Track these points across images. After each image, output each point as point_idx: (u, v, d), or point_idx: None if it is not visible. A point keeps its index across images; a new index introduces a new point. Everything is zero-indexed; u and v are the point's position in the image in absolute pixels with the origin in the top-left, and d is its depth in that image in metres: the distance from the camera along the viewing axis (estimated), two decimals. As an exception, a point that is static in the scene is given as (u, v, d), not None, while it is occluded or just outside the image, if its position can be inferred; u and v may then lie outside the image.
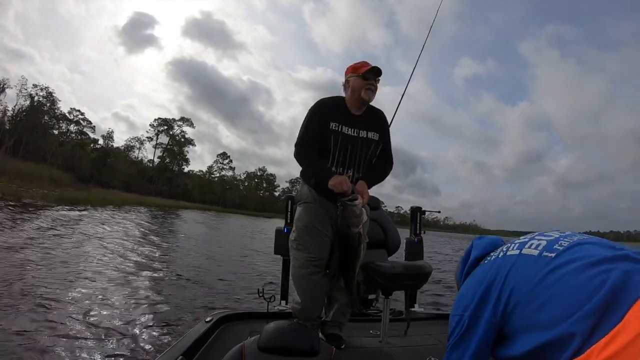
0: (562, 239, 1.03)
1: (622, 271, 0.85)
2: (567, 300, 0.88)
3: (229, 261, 10.23)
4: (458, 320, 1.11)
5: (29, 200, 19.28)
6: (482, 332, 1.05)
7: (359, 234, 2.13)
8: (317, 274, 2.34)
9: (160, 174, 66.90)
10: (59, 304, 4.54)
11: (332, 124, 2.33)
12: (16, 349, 3.19)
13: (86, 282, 5.73)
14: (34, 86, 51.79)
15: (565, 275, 0.92)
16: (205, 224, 27.56)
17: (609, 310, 0.81)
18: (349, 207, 2.09)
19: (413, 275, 2.52)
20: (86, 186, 38.79)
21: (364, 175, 2.38)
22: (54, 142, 52.62)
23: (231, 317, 2.74)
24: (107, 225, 14.71)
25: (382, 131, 2.45)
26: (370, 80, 2.33)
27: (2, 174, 26.29)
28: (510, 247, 1.11)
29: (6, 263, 6.17)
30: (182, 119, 72.06)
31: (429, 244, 19.04)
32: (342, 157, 2.34)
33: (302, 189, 2.54)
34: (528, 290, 0.97)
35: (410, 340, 2.64)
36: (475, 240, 1.33)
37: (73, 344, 3.44)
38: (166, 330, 4.05)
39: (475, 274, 1.18)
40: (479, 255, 1.25)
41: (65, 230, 11.43)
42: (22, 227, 10.50)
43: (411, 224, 3.61)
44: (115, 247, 9.67)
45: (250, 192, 78.39)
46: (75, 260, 7.26)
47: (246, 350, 1.56)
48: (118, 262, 7.66)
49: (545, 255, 1.00)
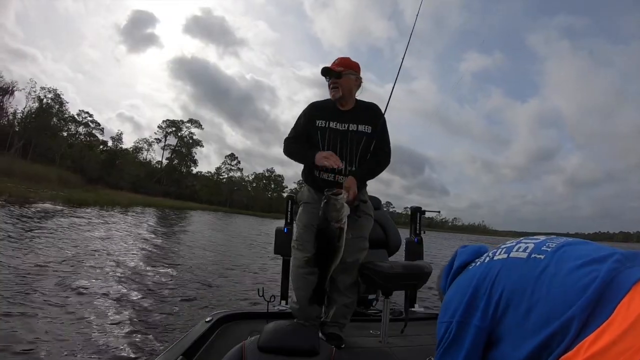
0: (549, 242, 1.02)
1: (610, 269, 0.85)
2: (558, 300, 0.88)
3: (229, 261, 10.26)
4: (446, 327, 1.08)
5: (36, 200, 19.43)
6: (472, 338, 1.03)
7: (340, 229, 2.09)
8: (316, 274, 2.34)
9: (168, 175, 67.33)
10: (58, 303, 4.56)
11: (319, 122, 2.41)
12: (16, 349, 3.21)
13: (86, 282, 5.75)
14: (42, 88, 52.40)
15: (555, 275, 0.91)
16: (212, 224, 27.65)
17: (598, 307, 0.82)
18: (331, 200, 2.06)
19: (413, 275, 2.51)
20: (94, 187, 39.01)
21: (356, 170, 2.40)
22: (63, 144, 53.12)
23: (231, 317, 2.75)
24: (111, 226, 14.79)
25: (374, 124, 2.44)
26: (329, 80, 2.41)
27: (12, 175, 26.59)
28: (497, 252, 1.09)
29: (8, 262, 6.21)
30: (190, 121, 72.62)
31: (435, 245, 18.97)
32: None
33: (303, 189, 2.60)
34: (518, 292, 0.96)
35: (410, 340, 2.64)
36: (459, 248, 1.29)
37: (72, 343, 3.46)
38: (166, 330, 4.07)
39: (460, 279, 1.15)
40: (463, 263, 1.22)
41: (69, 230, 11.48)
42: (27, 226, 10.57)
43: (411, 224, 3.60)
44: (117, 247, 9.72)
45: (258, 193, 78.50)
46: (77, 260, 7.27)
47: (246, 350, 1.57)
48: (120, 261, 7.68)
49: (534, 257, 0.99)
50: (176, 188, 64.18)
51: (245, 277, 7.98)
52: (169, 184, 64.94)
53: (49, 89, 53.10)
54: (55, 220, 13.20)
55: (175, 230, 18.83)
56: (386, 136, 2.51)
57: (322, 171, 2.40)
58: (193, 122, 72.51)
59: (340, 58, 2.44)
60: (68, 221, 13.62)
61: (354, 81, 2.44)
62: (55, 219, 13.59)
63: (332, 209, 2.06)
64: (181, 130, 71.04)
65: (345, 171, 2.38)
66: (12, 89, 47.23)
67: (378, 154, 2.46)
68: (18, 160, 37.61)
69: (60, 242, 9.12)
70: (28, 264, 6.26)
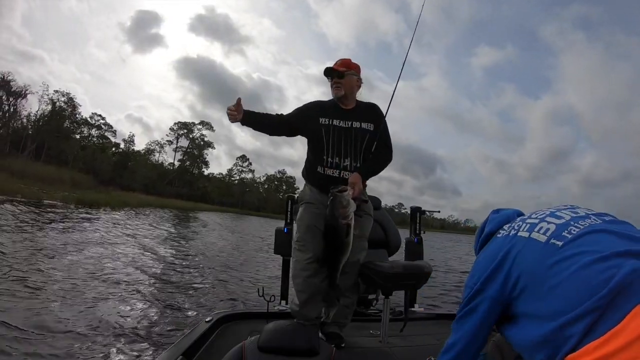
0: (573, 224, 0.99)
1: (631, 269, 0.81)
2: (569, 295, 0.86)
3: (230, 260, 10.29)
4: (468, 292, 1.14)
5: (49, 201, 19.72)
6: (485, 308, 1.08)
7: (347, 225, 2.12)
8: (317, 276, 2.37)
9: (180, 176, 67.84)
10: (58, 302, 4.59)
11: (322, 119, 2.44)
12: (16, 348, 3.24)
13: (86, 282, 5.78)
14: (56, 92, 53.19)
15: (569, 267, 0.89)
16: (222, 224, 27.72)
17: (609, 310, 0.79)
18: (337, 196, 2.09)
19: (413, 275, 2.51)
20: (106, 188, 39.41)
21: (360, 166, 2.42)
22: (75, 146, 53.82)
23: (231, 317, 2.76)
24: (120, 226, 14.87)
25: (377, 122, 2.49)
26: (331, 80, 2.46)
27: (25, 177, 27.02)
28: (522, 226, 1.09)
29: (14, 261, 6.29)
30: (201, 123, 72.88)
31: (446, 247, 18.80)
32: (336, 148, 2.41)
33: (304, 188, 2.60)
34: (533, 278, 0.96)
35: (410, 340, 2.64)
36: (491, 213, 1.34)
37: (72, 342, 3.48)
38: (166, 330, 4.07)
39: (487, 249, 1.18)
40: (493, 230, 1.25)
41: (79, 230, 11.60)
42: (37, 226, 10.70)
43: (411, 223, 3.59)
44: (121, 246, 9.75)
45: (269, 194, 78.61)
46: (78, 260, 7.31)
47: (246, 350, 1.58)
48: (121, 261, 7.72)
49: (552, 242, 0.97)
50: (188, 189, 64.59)
51: (245, 277, 7.99)
52: (180, 186, 65.35)
53: (62, 92, 54.04)
54: (64, 220, 13.41)
55: (184, 230, 18.89)
56: (387, 134, 2.54)
57: (327, 167, 2.42)
58: (204, 124, 72.88)
59: (342, 59, 2.49)
60: (76, 221, 13.84)
61: (356, 81, 2.50)
62: (64, 219, 13.80)
63: (339, 205, 2.09)
64: (193, 132, 71.55)
65: (350, 167, 2.40)
66: (25, 93, 47.97)
67: (380, 151, 2.49)
68: (31, 162, 38.21)
69: (66, 240, 9.23)
70: (29, 264, 6.32)
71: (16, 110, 47.78)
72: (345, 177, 2.36)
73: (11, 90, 45.89)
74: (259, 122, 2.49)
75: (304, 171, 2.61)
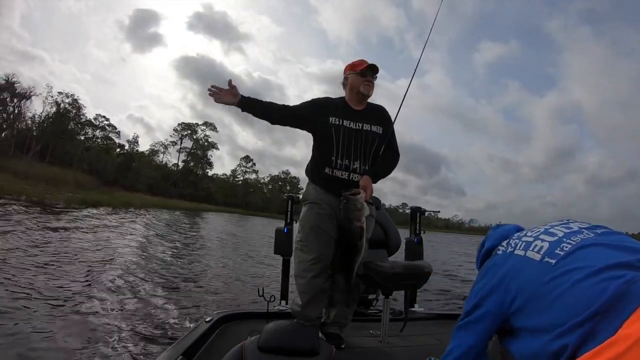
0: (566, 240, 1.03)
1: (624, 281, 0.84)
2: (566, 309, 0.89)
3: (230, 260, 10.30)
4: (470, 303, 1.19)
5: (52, 202, 19.77)
6: (484, 321, 1.13)
7: (361, 227, 2.13)
8: (320, 277, 2.37)
9: (184, 177, 68.07)
10: (57, 302, 4.59)
11: (332, 119, 2.39)
12: (16, 348, 3.24)
13: (86, 281, 5.78)
14: (60, 93, 53.58)
15: (563, 284, 0.93)
16: (226, 225, 27.75)
17: (605, 320, 0.81)
18: (350, 200, 2.11)
19: (413, 275, 2.50)
20: (110, 189, 39.52)
21: (370, 169, 2.40)
22: (80, 147, 54.10)
23: (231, 317, 2.76)
24: (122, 227, 14.86)
25: (385, 125, 2.47)
26: (368, 77, 2.42)
27: (29, 178, 27.19)
28: (518, 244, 1.14)
29: (14, 261, 6.30)
30: (205, 123, 73.28)
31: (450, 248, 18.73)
32: (346, 149, 2.37)
33: (308, 188, 2.55)
34: (530, 295, 1.00)
35: (410, 340, 2.64)
36: (490, 230, 1.39)
37: (72, 343, 3.48)
38: (166, 330, 4.07)
39: (488, 266, 1.21)
40: (492, 246, 1.30)
41: (80, 231, 11.60)
42: (39, 226, 10.69)
43: (411, 223, 3.59)
44: (122, 246, 9.73)
45: (273, 194, 78.60)
46: (78, 260, 7.30)
47: (246, 350, 1.58)
48: (121, 261, 7.71)
49: (546, 261, 1.01)
50: (192, 190, 64.89)
51: (246, 277, 7.99)
52: (184, 186, 65.65)
53: (67, 94, 54.42)
54: (66, 220, 13.41)
55: (186, 231, 18.87)
56: (395, 138, 2.54)
57: (335, 169, 2.38)
58: (208, 124, 73.28)
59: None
60: (79, 221, 13.84)
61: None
62: (67, 219, 13.80)
63: (354, 208, 2.11)
64: (196, 132, 71.99)
65: (359, 170, 2.38)
66: (29, 94, 48.27)
67: (388, 154, 2.48)
68: (36, 164, 38.48)
69: (66, 240, 9.25)
70: (29, 264, 6.30)
71: (21, 112, 48.20)
72: (354, 180, 2.34)
73: (16, 92, 46.27)
74: (259, 108, 2.43)
75: (309, 170, 2.56)
